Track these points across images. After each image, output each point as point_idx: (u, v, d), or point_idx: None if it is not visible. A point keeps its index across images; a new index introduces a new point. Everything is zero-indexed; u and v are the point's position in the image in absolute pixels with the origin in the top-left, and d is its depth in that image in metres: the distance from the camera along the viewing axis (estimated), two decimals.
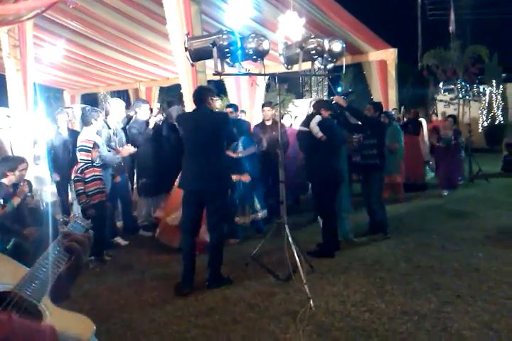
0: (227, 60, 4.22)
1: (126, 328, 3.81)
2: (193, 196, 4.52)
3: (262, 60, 4.28)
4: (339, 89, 19.22)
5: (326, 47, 4.44)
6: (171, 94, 15.77)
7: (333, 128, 5.53)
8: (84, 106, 11.63)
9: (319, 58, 4.52)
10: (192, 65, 4.54)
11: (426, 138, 10.50)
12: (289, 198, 7.30)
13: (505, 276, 4.59)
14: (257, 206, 6.14)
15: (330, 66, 4.73)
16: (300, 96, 17.84)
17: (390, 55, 11.76)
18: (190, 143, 4.56)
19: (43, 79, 13.39)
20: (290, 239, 4.44)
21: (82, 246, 1.29)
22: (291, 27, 4.38)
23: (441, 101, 16.62)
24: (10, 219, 4.61)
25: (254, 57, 4.20)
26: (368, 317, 3.81)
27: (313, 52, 4.41)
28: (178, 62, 6.14)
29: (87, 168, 5.27)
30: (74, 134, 6.85)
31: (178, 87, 7.69)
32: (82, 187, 5.19)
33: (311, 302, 4.00)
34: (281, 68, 5.26)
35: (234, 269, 4.81)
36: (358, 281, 4.60)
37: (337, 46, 4.54)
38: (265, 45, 4.17)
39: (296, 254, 4.36)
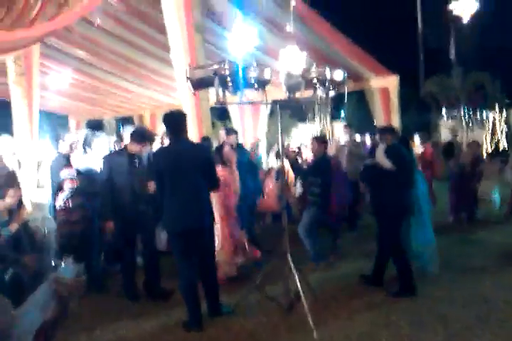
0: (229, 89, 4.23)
1: None
2: (184, 236, 4.25)
3: (264, 88, 4.30)
4: (342, 114, 19.35)
5: (328, 76, 4.46)
6: None
7: (401, 155, 5.11)
8: (87, 131, 11.72)
9: (321, 87, 4.53)
10: (194, 94, 4.55)
11: None
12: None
13: None
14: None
15: (332, 94, 4.75)
16: (303, 120, 17.95)
17: (392, 81, 11.82)
18: (174, 179, 4.22)
19: (48, 105, 13.55)
20: (292, 267, 4.37)
21: (72, 291, 1.25)
22: (293, 60, 4.37)
23: (444, 127, 16.66)
24: (7, 247, 4.56)
25: (256, 86, 4.23)
26: None
27: (315, 81, 4.43)
28: (180, 90, 6.20)
29: (72, 196, 5.30)
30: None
31: None
32: (66, 216, 5.21)
33: (315, 334, 3.92)
34: (283, 93, 5.25)
35: (236, 298, 4.70)
36: (362, 312, 4.51)
37: (338, 75, 4.55)
38: (267, 75, 4.20)
39: (298, 284, 4.28)
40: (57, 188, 5.43)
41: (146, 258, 5.24)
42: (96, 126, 15.30)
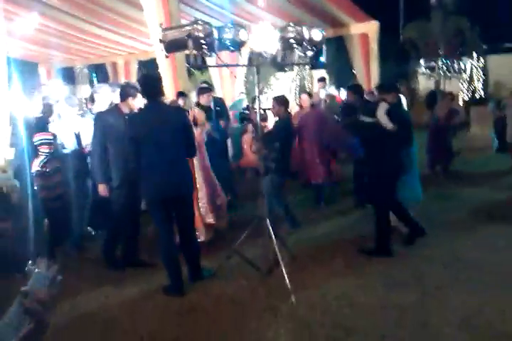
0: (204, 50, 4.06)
1: (106, 328, 3.78)
2: (164, 204, 4.21)
3: (240, 50, 4.15)
4: (322, 59, 18.95)
5: (306, 35, 4.31)
6: (151, 68, 15.34)
7: (403, 116, 5.13)
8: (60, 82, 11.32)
9: (299, 46, 4.39)
10: (166, 56, 4.37)
11: None
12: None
13: (490, 266, 4.59)
14: None
15: (310, 54, 4.61)
16: (282, 68, 17.60)
17: (371, 28, 11.60)
18: (151, 146, 4.09)
19: (17, 52, 12.99)
20: (271, 232, 4.40)
21: (45, 305, 1.22)
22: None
23: (422, 74, 16.53)
24: None
25: (232, 48, 4.07)
26: (349, 311, 3.83)
27: (293, 41, 4.28)
28: (154, 42, 5.94)
29: (49, 160, 5.21)
30: None
31: None
32: (44, 181, 5.13)
33: (293, 297, 4.01)
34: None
35: (215, 262, 4.76)
36: (339, 272, 4.61)
37: (316, 34, 4.40)
38: (242, 36, 4.04)
39: (276, 249, 4.33)
40: (32, 153, 5.24)
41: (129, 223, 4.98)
42: (68, 76, 14.82)
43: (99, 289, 4.49)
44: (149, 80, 4.31)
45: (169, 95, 6.08)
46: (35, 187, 5.11)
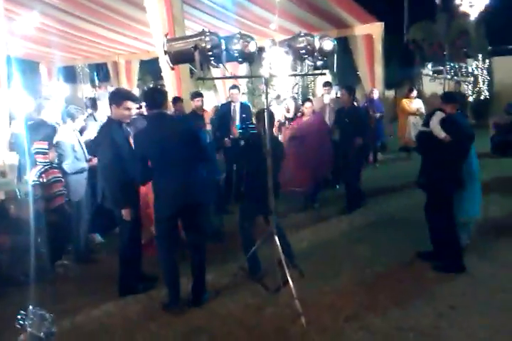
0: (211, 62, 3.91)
1: None
2: (171, 220, 4.13)
3: (248, 62, 4.00)
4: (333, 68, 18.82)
5: (317, 45, 4.15)
6: (153, 68, 15.18)
7: (460, 126, 4.76)
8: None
9: (309, 57, 4.23)
10: (172, 69, 4.22)
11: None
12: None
13: (502, 282, 4.45)
14: None
15: (320, 63, 4.45)
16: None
17: (376, 29, 11.51)
18: (162, 159, 3.99)
19: (18, 51, 12.87)
20: (279, 249, 4.24)
21: None
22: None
23: (426, 75, 16.35)
24: None
25: (240, 59, 3.91)
26: (363, 334, 3.68)
27: (303, 51, 4.12)
28: (159, 48, 5.81)
29: (46, 170, 5.05)
30: None
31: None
32: (41, 192, 4.99)
33: (303, 319, 3.85)
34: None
35: (221, 279, 4.62)
36: (349, 290, 4.46)
37: (328, 44, 4.23)
38: (251, 47, 3.87)
39: (284, 266, 4.16)
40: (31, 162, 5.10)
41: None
42: (69, 75, 14.70)
43: (101, 307, 4.30)
44: (156, 94, 4.22)
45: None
46: (33, 198, 4.96)
